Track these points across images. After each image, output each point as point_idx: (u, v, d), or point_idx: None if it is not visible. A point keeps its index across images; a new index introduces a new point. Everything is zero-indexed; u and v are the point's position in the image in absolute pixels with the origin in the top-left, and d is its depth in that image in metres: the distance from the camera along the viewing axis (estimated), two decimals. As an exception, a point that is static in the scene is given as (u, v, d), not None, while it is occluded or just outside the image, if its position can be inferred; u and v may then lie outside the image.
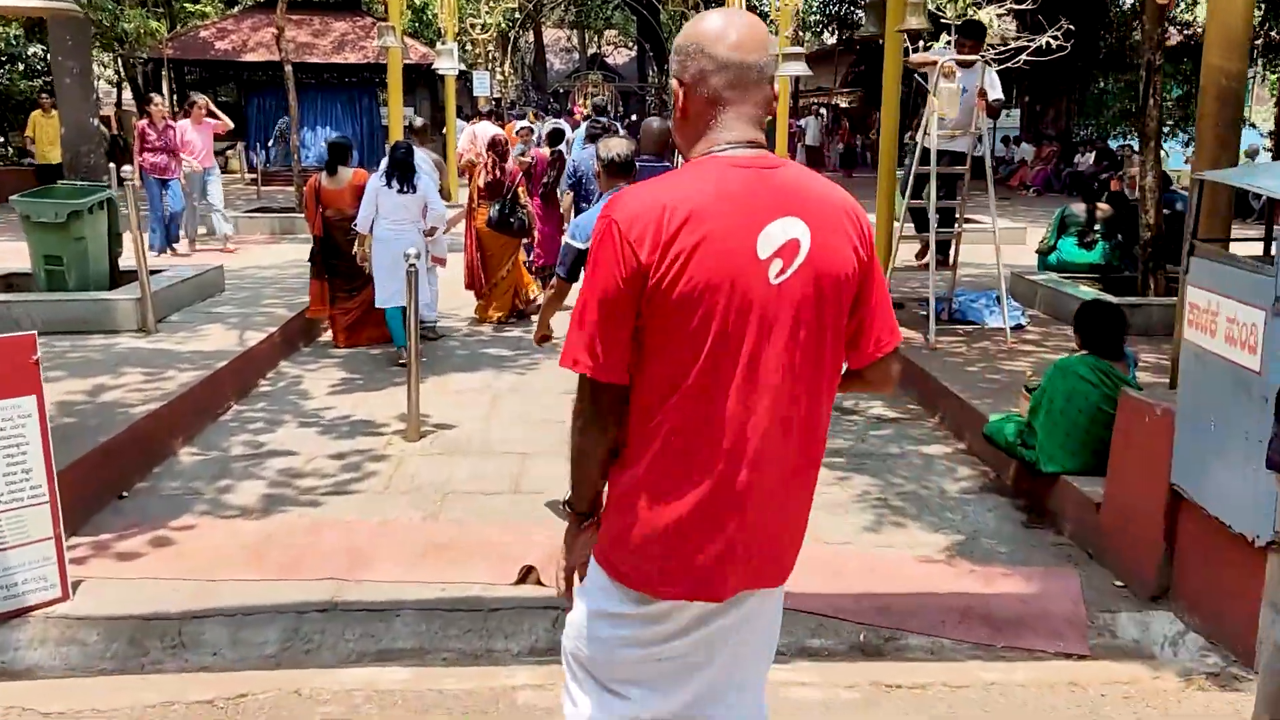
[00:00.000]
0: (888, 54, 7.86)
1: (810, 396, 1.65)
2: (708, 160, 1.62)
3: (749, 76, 1.61)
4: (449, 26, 15.41)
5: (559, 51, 42.27)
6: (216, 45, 23.65)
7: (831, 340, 1.65)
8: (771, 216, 1.56)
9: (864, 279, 1.66)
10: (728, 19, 1.63)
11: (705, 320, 1.54)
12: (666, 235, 1.52)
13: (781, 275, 1.56)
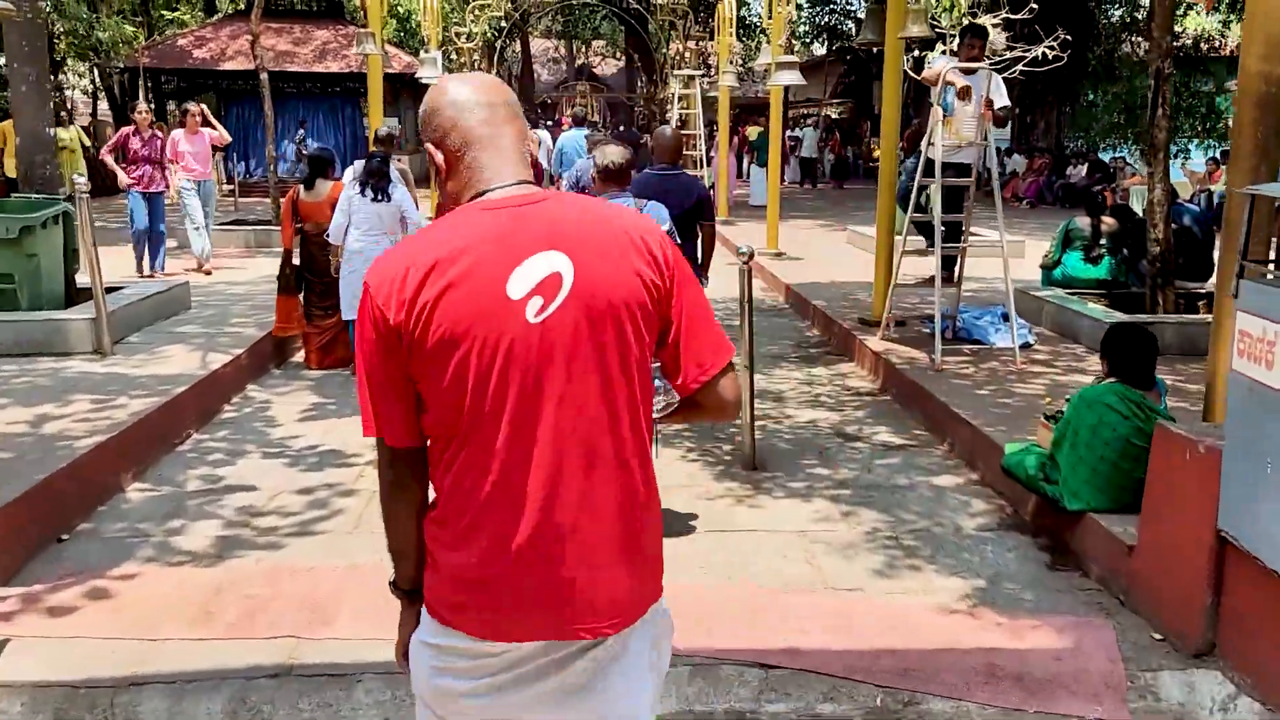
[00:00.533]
0: (888, 62, 7.54)
1: (604, 431, 1.55)
2: (461, 209, 1.59)
3: (495, 116, 1.60)
4: (433, 35, 15.05)
5: (546, 62, 41.98)
6: (194, 54, 23.25)
7: (623, 369, 1.55)
8: (526, 254, 1.51)
9: (665, 303, 1.59)
10: (460, 76, 1.65)
11: (461, 369, 1.49)
12: (410, 292, 1.48)
13: (543, 312, 1.50)
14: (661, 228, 4.40)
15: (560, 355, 1.50)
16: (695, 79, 16.25)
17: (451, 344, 1.48)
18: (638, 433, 1.60)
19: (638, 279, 1.55)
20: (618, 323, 1.53)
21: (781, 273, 10.99)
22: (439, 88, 1.63)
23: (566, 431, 1.53)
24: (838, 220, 16.88)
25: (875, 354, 6.99)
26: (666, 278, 1.58)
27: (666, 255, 1.59)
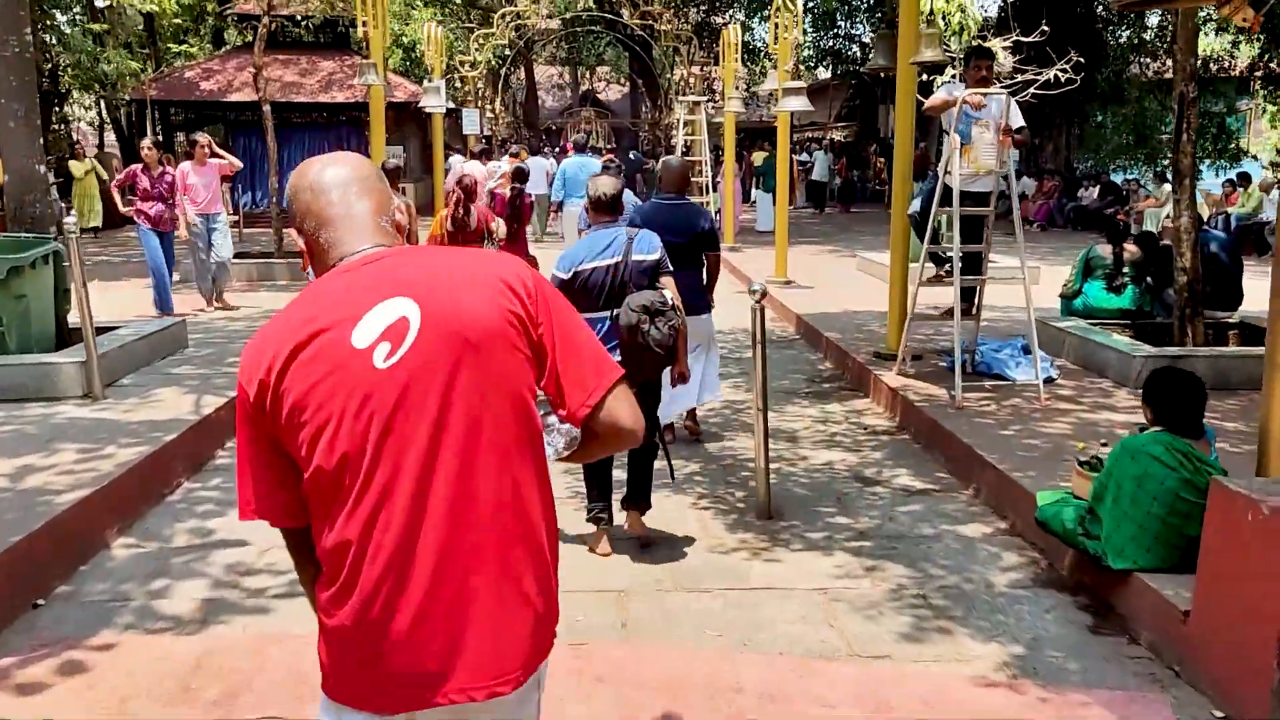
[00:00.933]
0: (900, 87, 7.33)
1: (471, 473, 1.48)
2: (315, 280, 1.60)
3: (346, 195, 1.60)
4: (436, 64, 14.95)
5: (551, 88, 42.02)
6: (201, 85, 23.24)
7: (487, 405, 1.49)
8: (371, 304, 1.48)
9: (531, 334, 1.54)
10: (316, 162, 1.65)
11: (315, 432, 1.46)
12: (265, 364, 1.48)
13: (392, 357, 1.46)
14: (652, 255, 4.29)
15: (415, 398, 1.46)
16: (700, 104, 16.10)
17: (305, 403, 1.46)
18: (511, 472, 1.52)
19: (494, 310, 1.50)
20: (476, 356, 1.48)
21: (791, 302, 10.76)
22: (296, 175, 1.65)
23: (427, 478, 1.47)
24: (846, 246, 16.67)
25: (892, 390, 6.74)
26: (530, 307, 1.54)
27: (527, 286, 1.55)
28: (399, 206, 1.69)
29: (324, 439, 1.45)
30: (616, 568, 4.35)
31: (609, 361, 1.62)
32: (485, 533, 1.49)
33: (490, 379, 1.49)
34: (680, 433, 6.35)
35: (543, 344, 1.56)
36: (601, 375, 1.59)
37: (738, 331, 9.90)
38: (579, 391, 1.57)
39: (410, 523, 1.46)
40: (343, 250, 1.58)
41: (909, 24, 7.16)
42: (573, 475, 5.09)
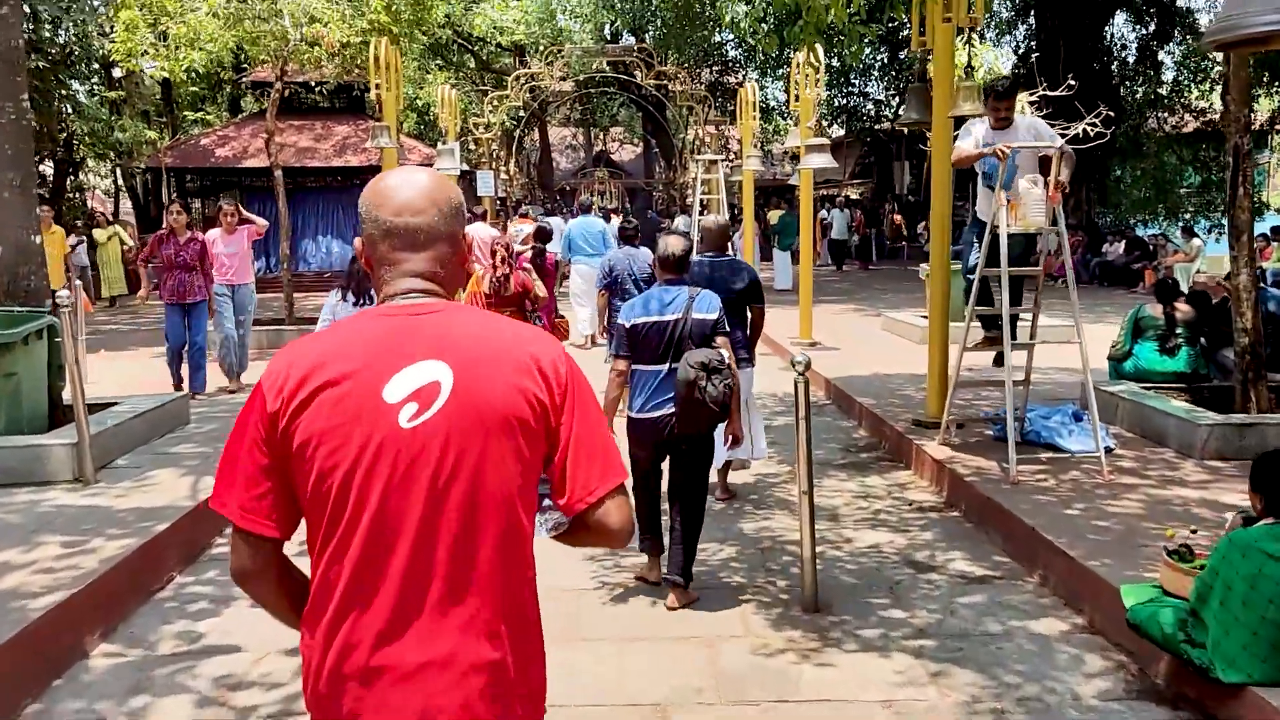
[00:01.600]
0: (936, 142, 7.00)
1: (469, 542, 1.52)
2: (360, 314, 1.64)
3: (415, 239, 1.61)
4: (450, 127, 14.81)
5: (564, 149, 42.21)
6: (217, 152, 23.30)
7: (495, 482, 1.53)
8: (409, 360, 1.52)
9: (552, 420, 1.58)
10: (398, 181, 1.64)
11: (328, 467, 1.49)
12: (292, 385, 1.51)
13: (417, 418, 1.50)
14: (712, 314, 4.50)
15: (430, 462, 1.50)
16: (717, 163, 15.89)
17: (324, 440, 1.49)
18: (504, 550, 1.55)
19: (520, 395, 1.54)
20: (493, 436, 1.52)
21: (819, 365, 10.32)
22: (372, 197, 1.63)
23: (427, 538, 1.50)
24: (869, 304, 16.31)
25: (937, 462, 6.29)
26: (556, 395, 1.58)
27: (559, 373, 1.59)
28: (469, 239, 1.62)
29: (337, 476, 1.49)
30: (654, 675, 3.89)
31: (616, 465, 1.64)
32: (475, 602, 1.52)
33: (498, 457, 1.53)
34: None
35: (559, 433, 1.58)
36: (606, 477, 1.61)
37: (765, 397, 9.49)
38: (580, 487, 1.60)
39: (407, 580, 1.49)
40: (395, 289, 1.61)
41: (944, 76, 6.85)
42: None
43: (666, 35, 21.63)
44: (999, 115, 6.24)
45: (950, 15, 6.75)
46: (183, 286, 8.63)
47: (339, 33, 10.03)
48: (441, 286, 1.63)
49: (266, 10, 10.15)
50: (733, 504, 6.12)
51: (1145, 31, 25.77)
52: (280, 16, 10.13)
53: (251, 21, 10.14)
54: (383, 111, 10.69)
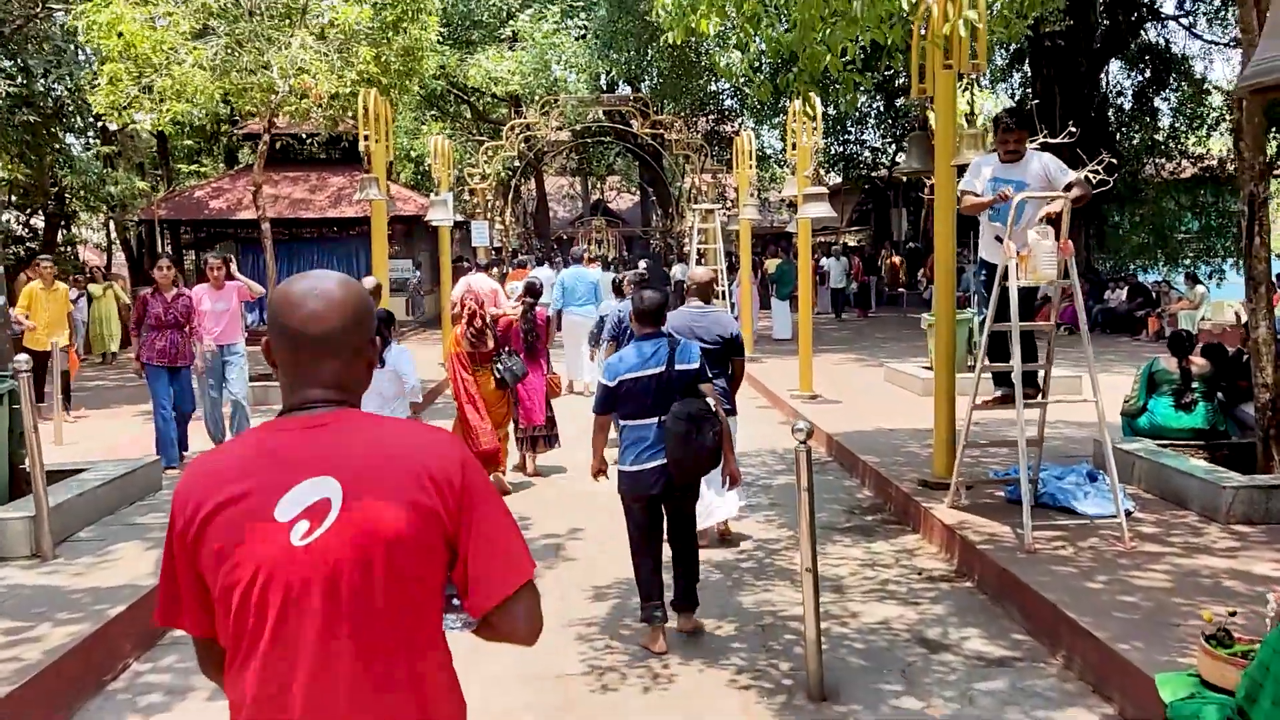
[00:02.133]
0: (939, 190, 6.76)
1: (365, 658, 1.53)
2: (260, 426, 1.66)
3: (316, 349, 1.62)
4: (443, 177, 14.64)
5: (561, 198, 42.27)
6: (211, 204, 23.20)
7: (389, 596, 1.54)
8: (300, 477, 1.55)
9: (443, 527, 1.58)
10: (303, 289, 1.63)
11: (228, 582, 1.53)
12: (193, 505, 1.56)
13: (309, 536, 1.53)
14: (693, 364, 4.57)
15: (322, 579, 1.52)
16: (714, 211, 15.72)
17: (221, 558, 1.53)
18: (410, 661, 1.57)
19: (410, 508, 1.55)
20: (384, 550, 1.53)
21: (820, 419, 10.03)
22: (278, 302, 1.64)
23: (326, 656, 1.52)
24: (870, 354, 16.05)
25: (947, 527, 5.96)
26: (450, 503, 1.58)
27: (452, 482, 1.59)
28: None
29: (235, 595, 1.53)
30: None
31: (522, 563, 1.62)
32: (370, 716, 1.54)
33: (391, 572, 1.54)
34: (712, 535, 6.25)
35: (458, 537, 1.59)
36: (509, 578, 1.61)
37: (764, 454, 9.18)
38: (480, 592, 1.60)
39: (306, 697, 1.52)
40: (293, 399, 1.63)
41: (946, 124, 6.64)
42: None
43: (662, 85, 21.64)
44: (1008, 148, 5.97)
45: (951, 62, 6.56)
46: (174, 348, 7.95)
47: (327, 84, 9.86)
48: (344, 394, 1.64)
49: (254, 62, 9.99)
50: (731, 574, 5.79)
51: (1141, 78, 25.85)
52: (269, 69, 9.97)
53: (239, 73, 9.99)
54: (372, 163, 10.50)
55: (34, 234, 21.20)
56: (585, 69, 18.60)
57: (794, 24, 7.23)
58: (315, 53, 9.83)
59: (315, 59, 9.78)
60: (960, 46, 6.14)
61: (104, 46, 9.68)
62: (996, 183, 5.84)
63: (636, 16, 18.02)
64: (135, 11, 9.61)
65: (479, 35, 21.04)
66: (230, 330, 8.71)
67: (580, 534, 6.62)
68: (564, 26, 18.81)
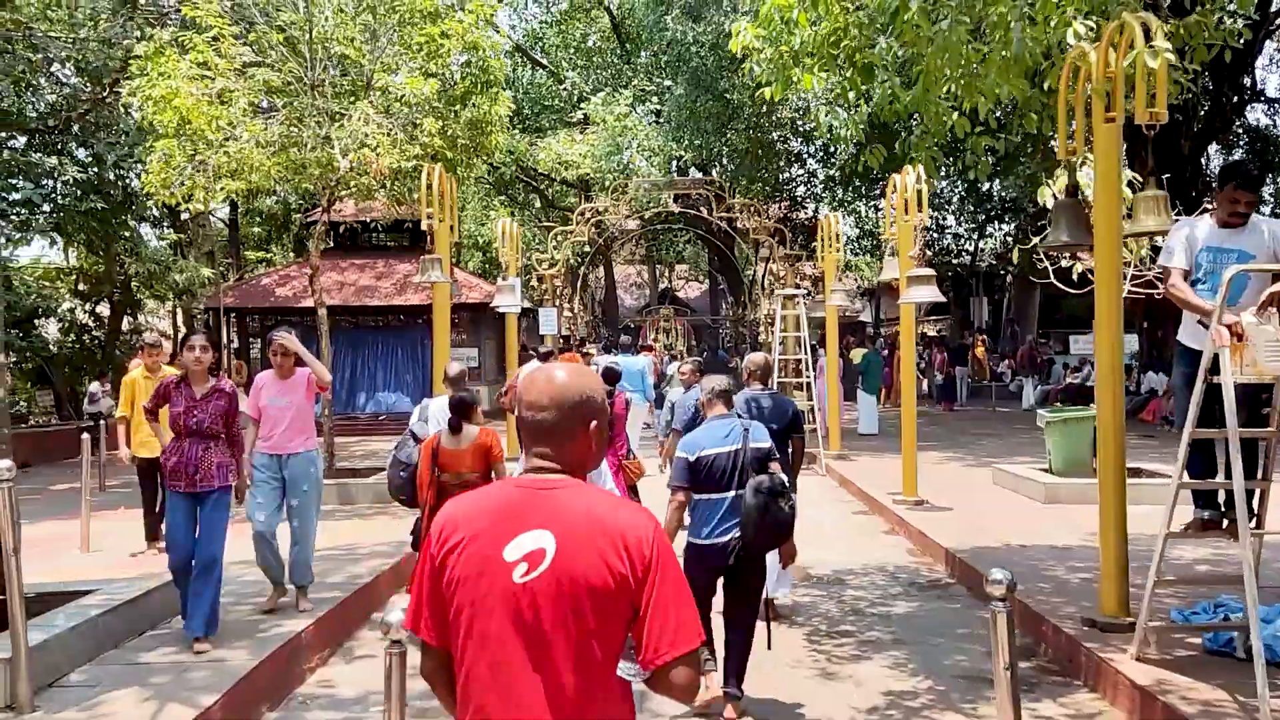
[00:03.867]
0: (1101, 266, 5.63)
1: (567, 677, 1.88)
2: (506, 480, 2.26)
3: (540, 427, 2.01)
4: (511, 261, 13.91)
5: (629, 287, 41.77)
6: (277, 292, 22.92)
7: (580, 635, 1.88)
8: (526, 527, 1.92)
9: (630, 590, 1.89)
10: (538, 379, 2.05)
11: (460, 607, 1.93)
12: (445, 534, 1.98)
13: (527, 575, 1.88)
14: (766, 443, 4.88)
15: (533, 613, 1.88)
16: (796, 297, 14.69)
17: (458, 580, 1.93)
18: (591, 685, 1.90)
19: (605, 567, 1.88)
20: (581, 599, 1.88)
21: (932, 529, 8.76)
22: (528, 382, 2.05)
23: (530, 674, 1.88)
24: (967, 452, 14.70)
25: (1140, 689, 4.67)
26: (639, 569, 1.89)
27: (643, 551, 1.90)
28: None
29: (463, 615, 1.93)
30: None
31: (689, 632, 1.90)
32: (558, 712, 1.87)
33: (582, 617, 1.88)
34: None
35: (640, 599, 1.89)
36: (676, 644, 1.89)
37: (872, 572, 7.94)
38: (651, 650, 1.89)
39: (511, 702, 1.89)
40: (528, 465, 2.02)
41: (1108, 186, 5.56)
42: None
43: (736, 169, 20.94)
44: (1236, 209, 4.79)
45: (1114, 114, 5.50)
46: (191, 465, 5.51)
47: (390, 159, 9.17)
48: (562, 466, 2.00)
49: (313, 138, 9.38)
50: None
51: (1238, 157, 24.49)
52: (330, 144, 9.35)
53: (298, 149, 9.37)
54: (434, 243, 9.73)
55: (100, 321, 21.02)
56: (658, 152, 17.98)
57: (916, 78, 6.30)
58: (377, 126, 9.17)
59: (378, 132, 9.11)
60: (1138, 88, 5.05)
61: (158, 122, 9.14)
62: (1212, 254, 4.71)
63: (715, 95, 17.38)
64: (192, 86, 9.08)
65: (548, 121, 20.65)
66: (295, 431, 6.31)
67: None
68: (636, 111, 18.25)
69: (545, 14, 24.67)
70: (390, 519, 9.57)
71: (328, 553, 7.93)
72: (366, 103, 9.47)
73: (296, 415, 6.37)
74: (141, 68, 9.46)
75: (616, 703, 1.92)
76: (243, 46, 9.43)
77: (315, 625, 5.86)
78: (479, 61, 10.27)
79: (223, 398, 5.75)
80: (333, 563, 7.58)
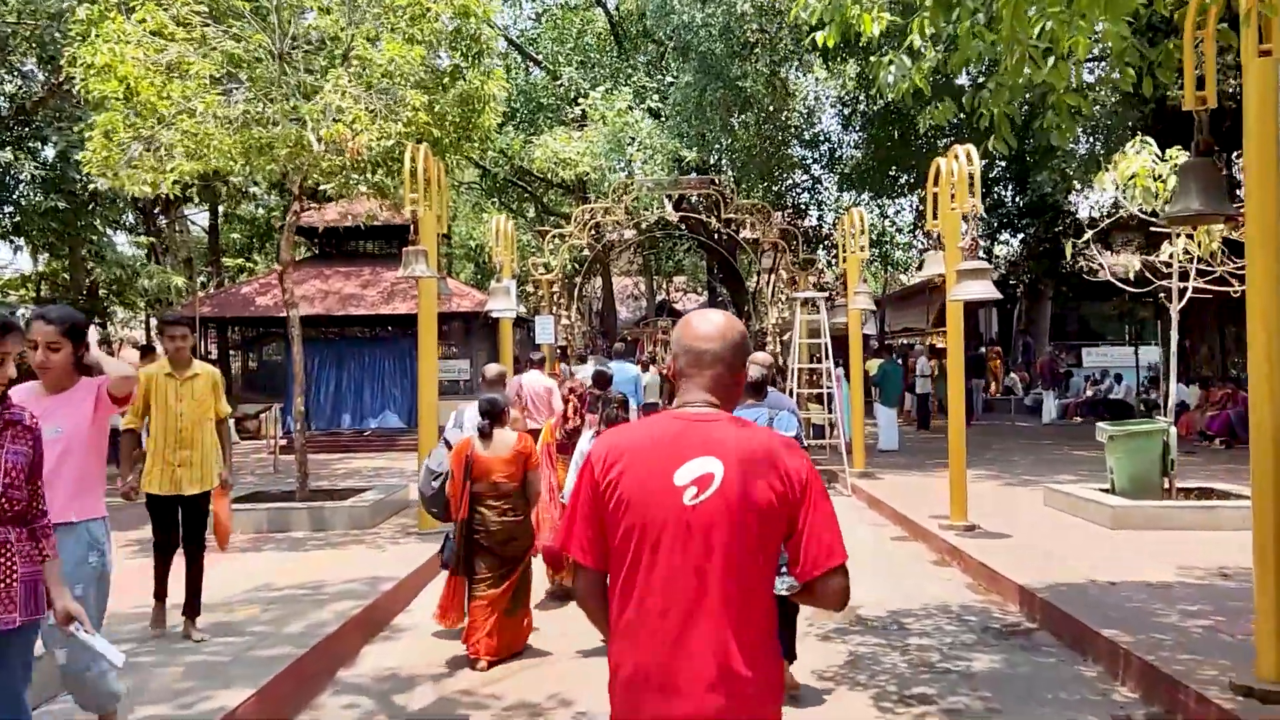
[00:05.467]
0: (1253, 240, 4.46)
1: (731, 588, 2.08)
2: (662, 413, 2.31)
3: (703, 359, 2.24)
4: (506, 263, 12.73)
5: (625, 299, 40.54)
6: (257, 301, 21.66)
7: (748, 550, 2.09)
8: (693, 455, 2.12)
9: (791, 508, 2.12)
10: (697, 316, 2.31)
11: (630, 527, 2.11)
12: (610, 461, 2.16)
13: (697, 499, 2.09)
14: (791, 431, 5.25)
15: (702, 532, 2.08)
16: (817, 301, 13.52)
17: (630, 503, 2.12)
18: (762, 595, 2.13)
19: (769, 489, 2.10)
20: (753, 516, 2.09)
21: (996, 561, 7.55)
22: (680, 326, 2.31)
23: (699, 585, 2.08)
24: (1004, 470, 13.52)
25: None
26: (796, 491, 2.12)
27: (800, 476, 2.13)
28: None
29: (635, 536, 2.11)
30: None
31: (838, 550, 2.12)
32: (717, 631, 2.07)
33: (748, 534, 2.09)
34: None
35: (797, 519, 2.12)
36: (830, 558, 2.11)
37: (935, 613, 6.73)
38: (808, 562, 2.11)
39: (674, 609, 2.08)
40: (688, 396, 2.23)
41: (1265, 135, 4.39)
42: None
43: (743, 168, 19.76)
44: None
45: (1269, 46, 4.35)
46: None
47: (368, 136, 7.97)
48: (719, 400, 2.22)
49: (280, 113, 8.17)
50: None
51: None
52: (301, 121, 8.15)
53: (263, 127, 8.17)
54: (419, 233, 8.53)
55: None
56: (660, 150, 16.79)
57: (999, 17, 5.14)
58: (354, 99, 7.97)
59: (354, 106, 7.91)
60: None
61: (100, 93, 7.93)
62: None
63: (726, 82, 16.19)
64: (139, 52, 7.88)
65: (544, 120, 19.49)
66: (66, 484, 3.77)
67: None
68: (636, 109, 17.09)
69: (540, 7, 23.50)
70: (366, 549, 8.32)
71: (287, 593, 6.68)
72: (343, 69, 8.26)
73: (70, 457, 3.79)
74: (84, 32, 8.26)
75: (769, 614, 2.16)
76: (199, 5, 8.23)
77: (258, 698, 4.60)
78: (471, 30, 9.08)
79: (26, 440, 3.13)
80: (291, 606, 6.34)
